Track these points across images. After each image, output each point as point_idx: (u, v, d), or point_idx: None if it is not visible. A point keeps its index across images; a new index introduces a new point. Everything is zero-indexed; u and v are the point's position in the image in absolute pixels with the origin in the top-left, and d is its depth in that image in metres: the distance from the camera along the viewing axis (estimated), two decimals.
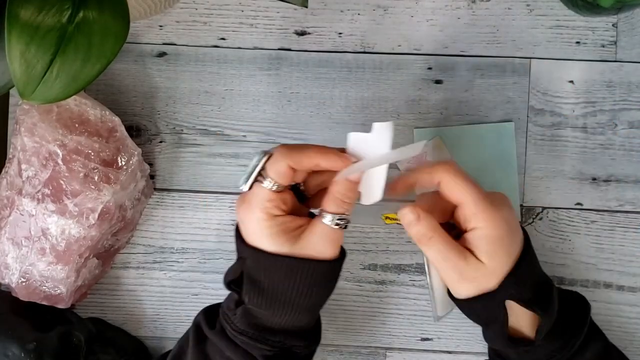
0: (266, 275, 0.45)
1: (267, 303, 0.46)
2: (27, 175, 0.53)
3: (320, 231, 0.45)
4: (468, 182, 0.45)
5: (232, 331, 0.47)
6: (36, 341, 0.51)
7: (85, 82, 0.38)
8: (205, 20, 0.61)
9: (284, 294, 0.45)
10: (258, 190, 0.45)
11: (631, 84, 0.60)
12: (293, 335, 0.47)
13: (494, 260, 0.45)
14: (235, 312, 0.47)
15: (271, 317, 0.46)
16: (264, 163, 0.45)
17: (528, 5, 0.60)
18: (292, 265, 0.45)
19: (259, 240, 0.45)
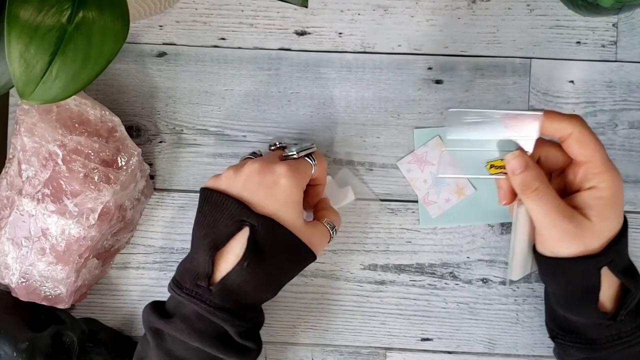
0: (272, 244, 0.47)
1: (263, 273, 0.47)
2: (27, 176, 0.53)
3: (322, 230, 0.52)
4: (597, 139, 0.44)
5: (209, 308, 0.46)
6: (28, 341, 0.51)
7: (84, 82, 0.38)
8: (205, 20, 0.61)
9: (279, 267, 0.48)
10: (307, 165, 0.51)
11: (631, 84, 0.60)
12: (260, 311, 0.51)
13: (606, 222, 0.44)
14: (210, 290, 0.47)
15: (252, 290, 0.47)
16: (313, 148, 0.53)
17: (528, 5, 0.60)
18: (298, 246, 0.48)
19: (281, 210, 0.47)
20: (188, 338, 0.47)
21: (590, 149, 0.44)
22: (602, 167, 0.44)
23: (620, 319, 0.46)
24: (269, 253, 0.47)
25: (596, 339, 0.47)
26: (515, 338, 0.60)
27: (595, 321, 0.47)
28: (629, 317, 0.46)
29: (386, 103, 0.60)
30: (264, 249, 0.46)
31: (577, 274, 0.46)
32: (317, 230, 0.51)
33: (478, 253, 0.60)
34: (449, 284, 0.60)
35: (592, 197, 0.44)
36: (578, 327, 0.48)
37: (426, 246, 0.60)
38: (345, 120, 0.60)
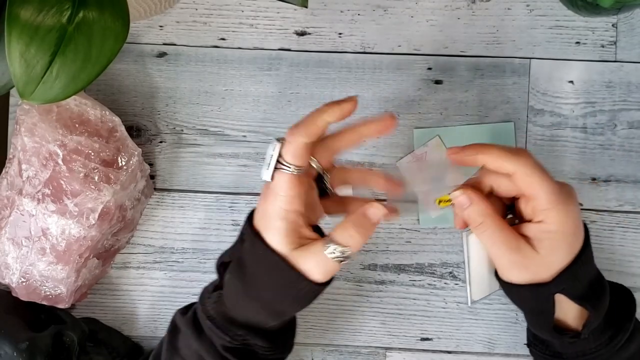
0: (254, 264, 0.45)
1: (242, 291, 0.45)
2: (28, 175, 0.53)
3: (319, 254, 0.44)
4: (544, 175, 0.44)
5: (202, 313, 0.47)
6: (29, 340, 0.51)
7: (85, 82, 0.38)
8: (205, 21, 0.61)
9: (260, 289, 0.45)
10: (280, 179, 0.44)
11: (631, 84, 0.60)
12: (255, 333, 0.46)
13: (553, 256, 0.44)
14: (210, 296, 0.47)
15: (240, 307, 0.46)
16: (280, 149, 0.44)
17: (528, 6, 0.60)
18: (280, 267, 0.44)
19: (266, 227, 0.45)
20: (190, 337, 0.47)
21: (535, 187, 0.44)
22: (549, 204, 0.43)
23: (584, 337, 0.46)
24: (250, 270, 0.45)
25: (562, 353, 0.48)
26: (515, 338, 0.60)
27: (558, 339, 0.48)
28: (593, 335, 0.47)
29: (386, 103, 0.60)
30: (246, 265, 0.45)
31: (529, 299, 0.47)
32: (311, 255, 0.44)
33: None
34: (448, 284, 0.60)
35: (540, 230, 0.44)
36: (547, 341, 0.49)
37: (426, 246, 0.60)
38: (345, 120, 0.60)
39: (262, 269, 0.45)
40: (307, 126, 0.44)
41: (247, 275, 0.45)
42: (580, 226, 0.45)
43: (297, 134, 0.44)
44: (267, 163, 0.45)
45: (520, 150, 0.45)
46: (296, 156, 0.44)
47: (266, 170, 0.44)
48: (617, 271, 0.59)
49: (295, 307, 0.47)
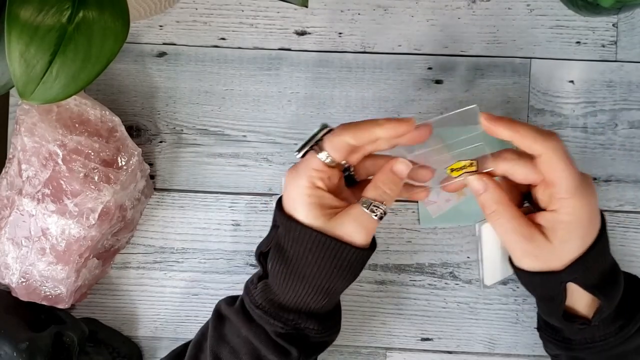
0: (293, 245, 0.45)
1: (288, 273, 0.45)
2: (27, 175, 0.53)
3: (355, 214, 0.45)
4: (569, 163, 0.43)
5: (250, 304, 0.47)
6: (29, 341, 0.51)
7: (85, 82, 0.38)
8: (205, 20, 0.61)
9: (305, 269, 0.45)
10: (310, 159, 0.45)
11: (631, 83, 0.60)
12: (306, 316, 0.47)
13: (565, 246, 0.44)
14: (256, 286, 0.47)
15: (288, 291, 0.46)
16: (323, 134, 0.45)
17: (528, 5, 0.60)
18: (320, 241, 0.44)
19: (295, 208, 0.45)
20: (240, 324, 0.47)
21: (557, 174, 0.43)
22: (567, 193, 0.43)
23: (594, 324, 0.47)
24: (291, 254, 0.45)
25: (571, 339, 0.48)
26: (515, 338, 0.60)
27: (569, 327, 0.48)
28: (603, 324, 0.47)
29: (386, 103, 0.60)
30: (286, 250, 0.46)
31: (540, 287, 0.47)
32: (349, 218, 0.45)
33: (478, 253, 0.60)
34: (449, 284, 0.60)
35: (554, 220, 0.44)
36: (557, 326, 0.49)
37: (426, 246, 0.60)
38: (345, 120, 0.60)
39: (302, 248, 0.45)
40: (359, 130, 0.45)
41: (289, 258, 0.45)
42: (595, 218, 0.45)
43: (346, 132, 0.45)
44: (304, 141, 0.46)
45: (550, 133, 0.44)
46: (335, 149, 0.45)
47: (300, 147, 0.46)
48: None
49: (344, 280, 0.46)
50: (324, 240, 0.44)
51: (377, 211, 0.45)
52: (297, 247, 0.45)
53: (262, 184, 0.60)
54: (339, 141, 0.45)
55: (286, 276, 0.46)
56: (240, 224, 0.61)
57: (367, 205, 0.45)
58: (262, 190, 0.61)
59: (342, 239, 0.44)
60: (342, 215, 0.45)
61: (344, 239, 0.45)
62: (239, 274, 0.61)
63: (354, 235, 0.45)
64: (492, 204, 0.45)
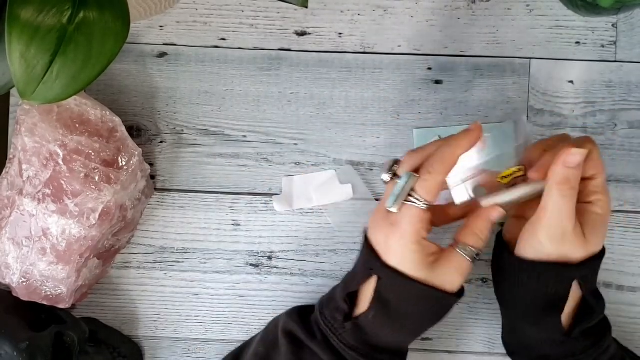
0: (397, 297, 0.46)
1: (390, 324, 0.47)
2: (28, 176, 0.53)
3: (457, 262, 0.46)
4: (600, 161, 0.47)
5: (340, 344, 0.47)
6: (29, 340, 0.51)
7: (85, 82, 0.38)
8: (205, 21, 0.61)
9: (408, 318, 0.47)
10: (408, 212, 0.45)
11: (631, 84, 0.60)
12: (396, 354, 0.49)
13: (594, 238, 0.46)
14: (344, 326, 0.48)
15: (385, 336, 0.47)
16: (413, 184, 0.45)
17: (528, 6, 0.60)
18: (427, 293, 0.45)
19: (400, 262, 0.45)
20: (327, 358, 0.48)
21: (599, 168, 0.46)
22: (601, 189, 0.46)
23: (574, 337, 0.47)
24: (395, 305, 0.46)
25: (550, 355, 0.49)
26: None
27: (551, 336, 0.48)
28: (582, 336, 0.48)
29: (386, 103, 0.60)
30: (389, 301, 0.46)
31: (551, 280, 0.47)
32: (450, 266, 0.46)
33: None
34: None
35: (588, 211, 0.46)
36: (533, 343, 0.50)
37: None
38: (345, 120, 0.61)
39: (408, 301, 0.46)
40: (444, 163, 0.45)
41: (392, 310, 0.46)
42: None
43: (435, 173, 0.45)
44: (396, 194, 0.45)
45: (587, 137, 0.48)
46: (431, 193, 0.45)
47: (394, 202, 0.45)
48: (617, 271, 0.59)
49: (435, 323, 0.49)
50: (430, 292, 0.46)
51: (475, 257, 0.47)
52: (403, 300, 0.46)
53: (262, 184, 0.61)
54: (433, 186, 0.45)
55: (389, 325, 0.47)
56: (240, 224, 0.61)
57: (468, 252, 0.46)
58: (262, 190, 0.61)
59: (443, 287, 0.46)
60: (444, 264, 0.46)
61: (445, 287, 0.46)
62: (239, 274, 0.61)
63: (453, 283, 0.46)
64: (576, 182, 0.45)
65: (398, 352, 0.49)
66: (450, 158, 0.45)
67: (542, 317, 0.48)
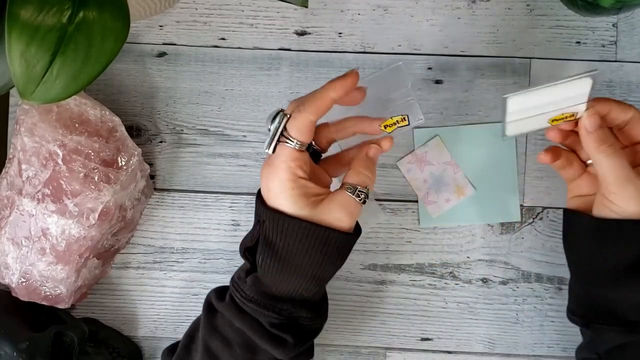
0: (282, 238, 0.46)
1: (279, 266, 0.46)
2: (27, 175, 0.53)
3: (341, 201, 0.46)
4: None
5: (241, 298, 0.47)
6: (29, 340, 0.51)
7: (85, 82, 0.38)
8: (205, 20, 0.61)
9: (296, 259, 0.46)
10: (282, 151, 0.46)
11: (631, 83, 0.60)
12: (299, 305, 0.48)
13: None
14: (245, 281, 0.48)
15: (280, 283, 0.47)
16: (285, 123, 0.46)
17: (528, 5, 0.60)
18: (309, 229, 0.45)
19: (280, 202, 0.46)
20: (233, 318, 0.48)
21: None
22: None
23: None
24: (281, 247, 0.46)
25: (637, 321, 0.47)
26: (515, 338, 0.60)
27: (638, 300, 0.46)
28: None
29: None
30: (275, 243, 0.46)
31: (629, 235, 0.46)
32: (335, 203, 0.46)
33: (478, 253, 0.60)
34: (449, 284, 0.60)
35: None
36: (617, 309, 0.48)
37: (426, 246, 0.60)
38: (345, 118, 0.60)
39: (292, 240, 0.46)
40: (314, 102, 0.46)
41: (279, 251, 0.46)
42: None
43: (304, 111, 0.45)
44: (270, 135, 0.46)
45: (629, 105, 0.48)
46: (301, 132, 0.45)
47: (268, 143, 0.46)
48: None
49: (333, 266, 0.48)
50: (313, 229, 0.45)
51: (361, 195, 0.47)
52: (287, 239, 0.46)
53: None
54: (303, 124, 0.45)
55: (278, 268, 0.46)
56: (240, 224, 0.61)
57: (352, 190, 0.46)
58: None
59: (330, 225, 0.46)
60: (328, 202, 0.46)
61: (332, 225, 0.46)
62: None
63: (341, 221, 0.46)
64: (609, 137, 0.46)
65: (302, 301, 0.48)
66: (322, 99, 0.46)
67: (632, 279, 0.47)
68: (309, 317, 0.48)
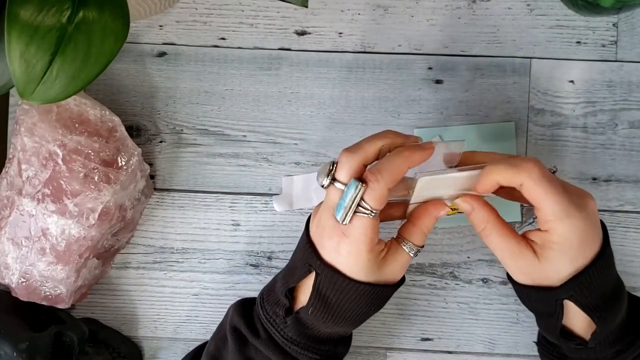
0: (337, 294, 0.46)
1: (329, 317, 0.47)
2: (27, 175, 0.53)
3: (402, 259, 0.47)
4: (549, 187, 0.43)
5: (282, 339, 0.48)
6: (29, 341, 0.51)
7: (85, 82, 0.38)
8: (205, 20, 0.61)
9: (349, 312, 0.46)
10: (359, 222, 0.44)
11: (631, 83, 0.60)
12: (339, 343, 0.49)
13: (552, 266, 0.44)
14: (285, 321, 0.48)
15: (326, 328, 0.47)
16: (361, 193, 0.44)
17: (528, 5, 0.60)
18: (367, 290, 0.46)
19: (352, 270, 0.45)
20: (273, 355, 0.48)
21: (541, 199, 0.43)
22: (552, 216, 0.43)
23: (590, 347, 0.46)
24: (334, 302, 0.46)
25: (568, 356, 0.48)
26: (516, 338, 0.60)
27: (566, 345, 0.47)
28: (600, 346, 0.46)
29: (386, 103, 0.60)
30: (328, 298, 0.46)
31: (536, 301, 0.47)
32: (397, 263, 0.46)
33: (478, 253, 0.60)
34: (449, 284, 0.60)
35: (544, 239, 0.44)
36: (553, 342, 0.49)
37: (426, 246, 0.60)
38: (345, 120, 0.60)
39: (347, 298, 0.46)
40: (392, 174, 0.44)
41: (332, 305, 0.46)
42: (590, 238, 0.44)
43: (382, 181, 0.44)
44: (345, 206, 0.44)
45: (526, 161, 0.44)
46: (380, 202, 0.44)
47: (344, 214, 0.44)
48: (617, 271, 0.59)
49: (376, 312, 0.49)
50: (371, 289, 0.46)
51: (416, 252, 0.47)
52: (342, 296, 0.46)
53: (262, 184, 0.60)
54: (382, 195, 0.44)
55: (326, 318, 0.47)
56: (240, 224, 0.61)
57: (411, 249, 0.47)
58: (262, 190, 0.61)
59: (387, 283, 0.47)
60: (391, 262, 0.46)
61: (388, 282, 0.47)
62: (239, 274, 0.61)
63: (396, 276, 0.47)
64: (480, 223, 0.46)
65: (341, 340, 0.50)
66: (399, 169, 0.44)
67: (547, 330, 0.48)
68: (345, 351, 0.50)
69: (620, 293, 0.47)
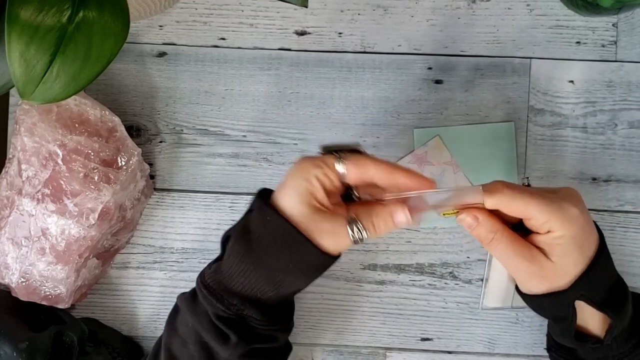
0: (260, 229, 0.44)
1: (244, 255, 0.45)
2: (27, 175, 0.53)
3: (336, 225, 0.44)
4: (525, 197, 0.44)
5: (199, 284, 0.47)
6: (28, 341, 0.51)
7: (85, 82, 0.38)
8: (205, 20, 0.61)
9: (264, 255, 0.44)
10: (327, 159, 0.44)
11: (631, 83, 0.60)
12: (250, 304, 0.45)
13: (566, 260, 0.44)
14: (210, 267, 0.47)
15: (238, 275, 0.45)
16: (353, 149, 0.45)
17: (528, 5, 0.60)
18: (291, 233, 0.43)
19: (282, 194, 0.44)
20: (187, 311, 0.47)
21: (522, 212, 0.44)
22: (545, 217, 0.43)
23: (607, 343, 0.47)
24: (255, 235, 0.44)
25: (584, 359, 0.48)
26: (515, 338, 0.60)
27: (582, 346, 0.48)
28: (616, 342, 0.47)
29: (386, 103, 0.60)
30: (251, 230, 0.45)
31: (550, 308, 0.47)
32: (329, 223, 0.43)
33: (478, 253, 0.60)
34: (448, 284, 0.60)
35: (548, 238, 0.45)
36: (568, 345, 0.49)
37: (426, 246, 0.60)
38: (345, 120, 0.60)
39: (268, 235, 0.44)
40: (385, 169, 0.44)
41: (252, 240, 0.44)
42: (589, 229, 0.45)
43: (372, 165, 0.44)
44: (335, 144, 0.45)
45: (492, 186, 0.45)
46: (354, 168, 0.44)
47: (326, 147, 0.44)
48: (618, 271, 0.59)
49: (296, 280, 0.46)
50: (294, 233, 0.43)
51: (356, 234, 0.44)
52: (264, 231, 0.44)
53: (262, 184, 0.60)
54: (361, 165, 0.44)
55: (241, 257, 0.45)
56: None
57: (352, 225, 0.44)
58: None
59: (311, 237, 0.43)
60: (324, 217, 0.44)
61: (313, 239, 0.43)
62: None
63: (325, 240, 0.44)
64: (488, 234, 0.45)
65: (254, 301, 0.46)
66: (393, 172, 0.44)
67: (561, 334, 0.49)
68: (258, 319, 0.46)
69: (624, 286, 0.48)
